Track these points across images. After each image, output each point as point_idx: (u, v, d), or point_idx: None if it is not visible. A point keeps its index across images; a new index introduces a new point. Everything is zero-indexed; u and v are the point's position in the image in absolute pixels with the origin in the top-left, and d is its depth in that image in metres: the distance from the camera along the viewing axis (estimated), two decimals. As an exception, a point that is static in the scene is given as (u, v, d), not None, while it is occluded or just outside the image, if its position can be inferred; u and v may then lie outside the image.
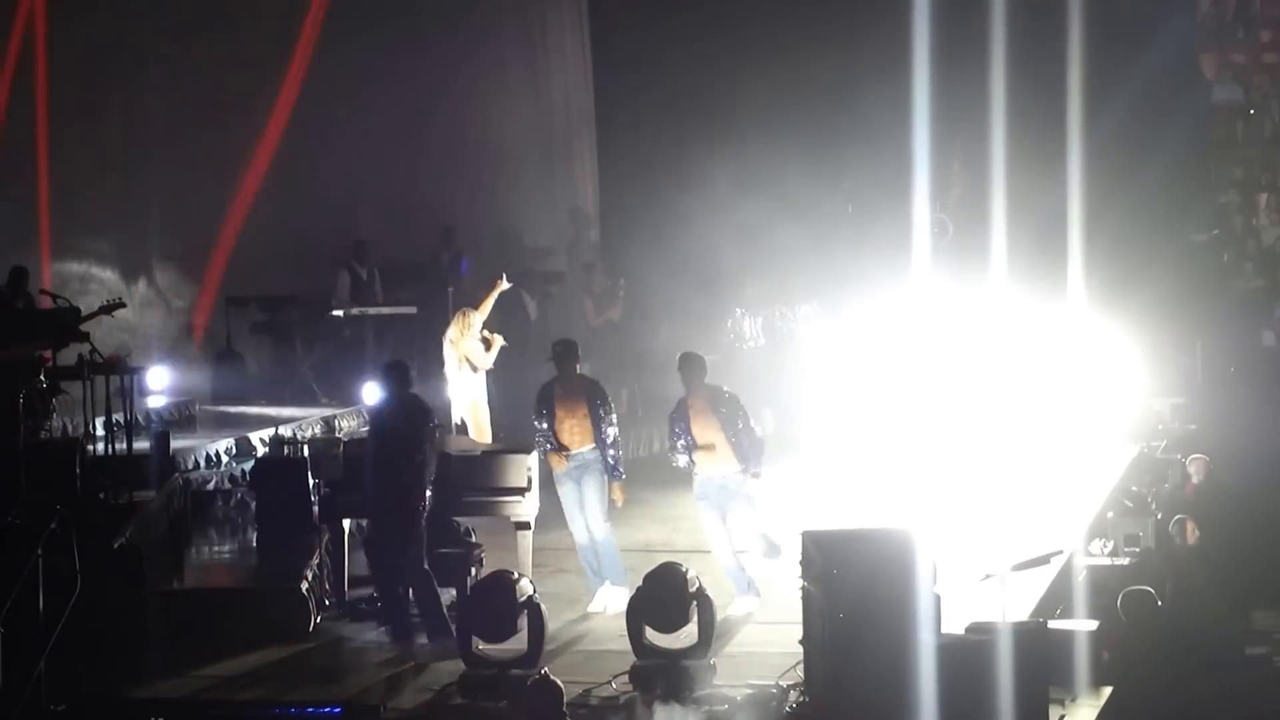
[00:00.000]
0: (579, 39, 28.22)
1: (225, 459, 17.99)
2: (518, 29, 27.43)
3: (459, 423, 18.28)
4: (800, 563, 12.75)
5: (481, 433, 18.24)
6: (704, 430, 14.77)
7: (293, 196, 22.91)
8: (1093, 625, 13.97)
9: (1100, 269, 22.56)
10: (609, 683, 12.91)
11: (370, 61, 24.15)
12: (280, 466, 16.81)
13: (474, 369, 18.16)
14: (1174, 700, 13.53)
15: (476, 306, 18.44)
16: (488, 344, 18.24)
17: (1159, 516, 18.30)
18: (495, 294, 18.56)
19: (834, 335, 22.34)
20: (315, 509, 15.73)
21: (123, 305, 17.55)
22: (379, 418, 14.63)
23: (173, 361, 20.48)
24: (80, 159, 20.27)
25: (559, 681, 11.81)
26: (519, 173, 27.00)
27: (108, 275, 19.58)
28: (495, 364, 18.38)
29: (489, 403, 18.52)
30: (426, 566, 14.02)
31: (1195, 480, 19.41)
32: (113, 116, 20.47)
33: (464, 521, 15.10)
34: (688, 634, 12.93)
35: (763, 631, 14.02)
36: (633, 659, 12.89)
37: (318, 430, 19.49)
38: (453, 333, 18.29)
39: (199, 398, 20.68)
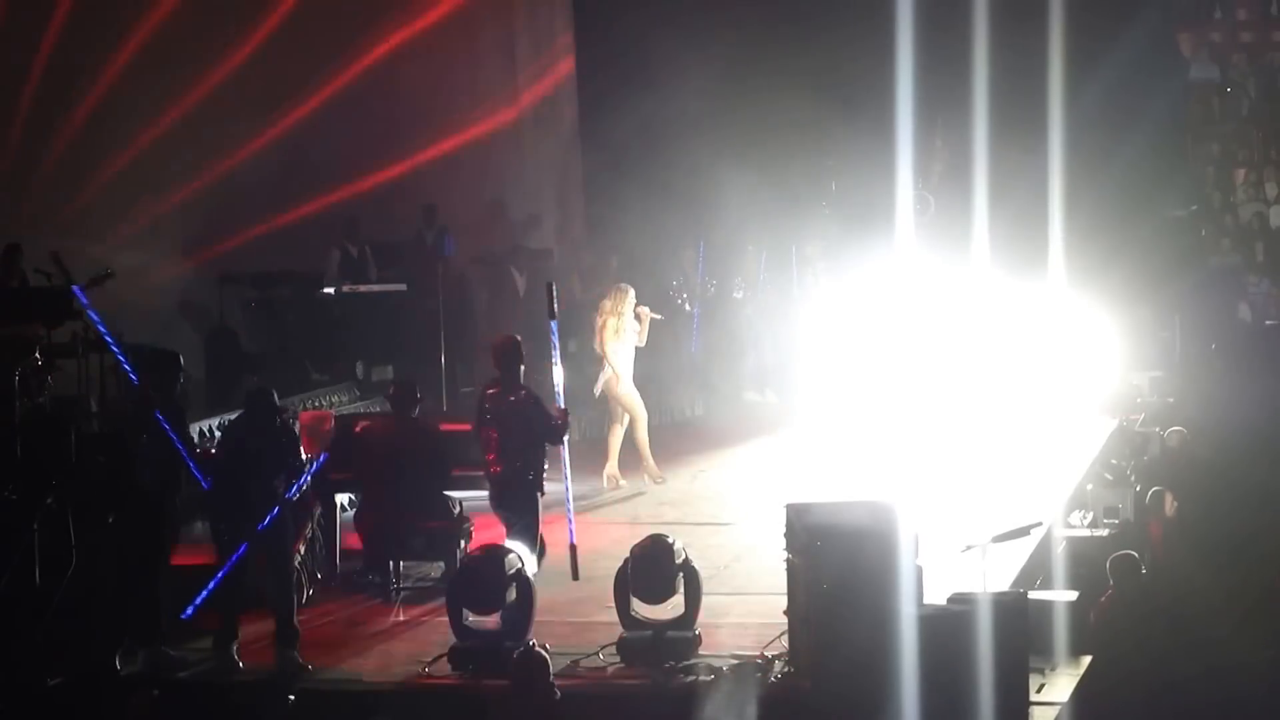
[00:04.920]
0: (562, 13, 28.25)
1: (219, 434, 18.12)
2: (498, 4, 27.49)
3: (597, 395, 18.51)
4: (784, 535, 12.93)
5: (628, 409, 18.37)
6: None
7: (285, 174, 23.01)
8: (1072, 596, 14.15)
9: (1080, 244, 22.71)
10: (596, 654, 13.07)
11: (358, 41, 24.29)
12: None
13: (617, 343, 18.21)
14: (1152, 668, 13.73)
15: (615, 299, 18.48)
16: (639, 320, 18.39)
17: (1138, 489, 18.49)
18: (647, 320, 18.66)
19: (819, 310, 22.50)
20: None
21: (112, 275, 17.65)
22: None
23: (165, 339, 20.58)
24: (69, 136, 20.35)
25: (546, 653, 12.01)
26: (505, 149, 27.07)
27: (100, 253, 19.63)
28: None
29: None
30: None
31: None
32: (103, 95, 20.55)
33: (453, 496, 15.25)
34: (674, 605, 13.10)
35: (747, 603, 14.16)
36: (619, 630, 13.04)
37: (309, 407, 19.63)
38: (605, 305, 18.35)
39: (191, 375, 20.80)
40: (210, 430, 18.10)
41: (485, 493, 15.46)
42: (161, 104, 21.39)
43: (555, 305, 15.44)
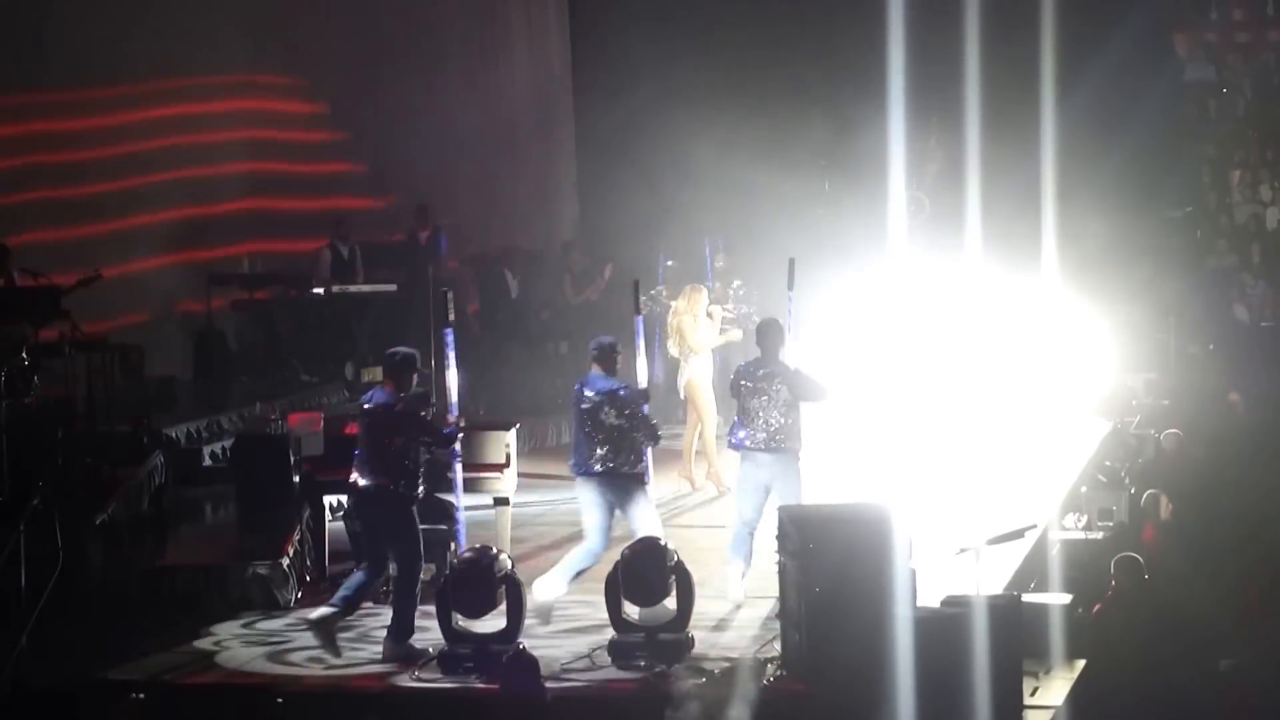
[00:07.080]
0: (557, 16, 28.22)
1: (207, 436, 18.07)
2: (490, 4, 27.45)
3: (682, 395, 18.42)
4: (777, 538, 12.88)
5: (698, 411, 18.23)
6: None
7: (277, 173, 22.97)
8: (1067, 599, 14.10)
9: (1074, 245, 22.70)
10: (587, 656, 13.02)
11: (350, 37, 24.25)
12: (261, 443, 16.84)
13: (692, 347, 18.04)
14: (1147, 671, 13.69)
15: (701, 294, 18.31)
16: (711, 320, 18.27)
17: (1132, 491, 18.44)
18: (718, 320, 18.55)
19: (811, 311, 22.41)
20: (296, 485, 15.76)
21: (99, 277, 17.56)
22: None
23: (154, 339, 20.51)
24: (60, 135, 20.31)
25: (536, 656, 11.93)
26: (498, 150, 27.02)
27: (90, 252, 19.56)
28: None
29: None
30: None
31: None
32: (96, 93, 20.52)
33: (444, 497, 15.16)
34: (666, 608, 13.05)
35: (740, 606, 14.13)
36: (611, 633, 13.00)
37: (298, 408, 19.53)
38: (679, 306, 18.21)
39: (179, 377, 20.73)
40: (199, 431, 18.02)
41: (473, 493, 15.40)
42: (153, 101, 21.33)
43: (640, 302, 16.22)
